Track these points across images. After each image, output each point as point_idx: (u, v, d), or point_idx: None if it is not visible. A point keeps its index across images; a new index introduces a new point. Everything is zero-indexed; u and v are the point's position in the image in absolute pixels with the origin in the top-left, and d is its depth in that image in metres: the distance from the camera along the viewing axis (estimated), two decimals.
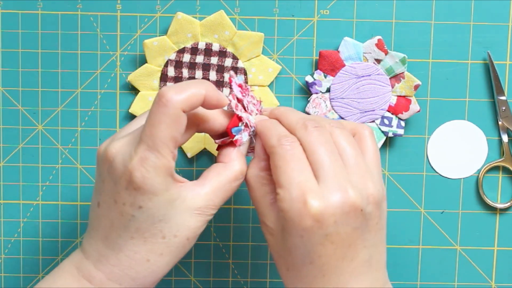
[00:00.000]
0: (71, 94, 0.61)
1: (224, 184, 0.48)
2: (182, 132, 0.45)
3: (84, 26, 0.60)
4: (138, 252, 0.46)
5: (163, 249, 0.46)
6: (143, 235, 0.46)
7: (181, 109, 0.44)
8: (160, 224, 0.46)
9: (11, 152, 0.61)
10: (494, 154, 0.62)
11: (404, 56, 0.59)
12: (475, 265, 0.62)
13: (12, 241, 0.62)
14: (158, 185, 0.45)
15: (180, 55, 0.59)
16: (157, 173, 0.44)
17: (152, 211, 0.45)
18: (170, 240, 0.46)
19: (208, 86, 0.46)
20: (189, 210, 0.46)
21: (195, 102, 0.45)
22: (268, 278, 0.63)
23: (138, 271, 0.46)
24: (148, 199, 0.45)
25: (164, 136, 0.44)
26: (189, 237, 0.47)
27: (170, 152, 0.45)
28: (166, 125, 0.44)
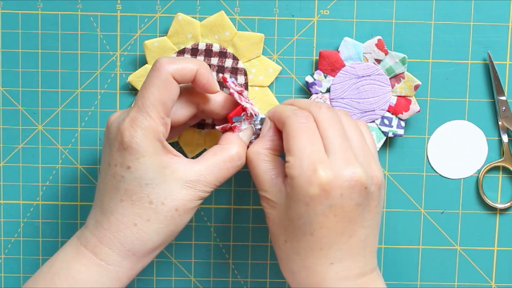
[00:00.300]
0: (71, 94, 0.61)
1: (218, 163, 0.49)
2: (172, 98, 0.48)
3: (84, 26, 0.60)
4: (126, 215, 0.47)
5: (150, 214, 0.47)
6: (131, 198, 0.47)
7: (171, 75, 0.47)
8: (147, 188, 0.47)
9: (11, 152, 0.61)
10: (494, 154, 0.62)
11: (404, 56, 0.59)
12: (475, 265, 0.62)
13: (12, 241, 0.62)
14: (145, 146, 0.46)
15: (180, 56, 0.59)
16: (144, 134, 0.46)
17: (139, 173, 0.47)
18: (157, 206, 0.47)
19: (202, 66, 0.49)
20: (179, 181, 0.48)
21: (186, 74, 0.48)
22: (268, 278, 0.63)
23: (126, 235, 0.48)
24: (136, 159, 0.46)
25: (154, 99, 0.47)
26: (177, 208, 0.48)
27: (159, 116, 0.47)
28: (156, 88, 0.47)
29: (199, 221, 0.62)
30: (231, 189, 0.62)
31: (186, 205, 0.48)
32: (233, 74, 0.60)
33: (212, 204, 0.62)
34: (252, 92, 0.60)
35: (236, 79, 0.60)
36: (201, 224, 0.62)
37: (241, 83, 0.60)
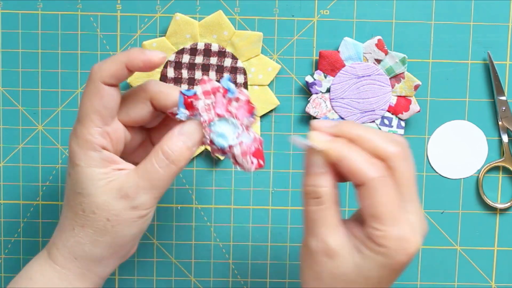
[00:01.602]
0: (71, 94, 0.61)
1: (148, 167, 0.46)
2: (108, 106, 0.46)
3: (84, 26, 0.60)
4: (67, 218, 0.48)
5: (83, 222, 0.47)
6: (69, 203, 0.48)
7: (100, 82, 0.46)
8: (80, 197, 0.47)
9: (11, 152, 0.61)
10: (494, 154, 0.62)
11: (404, 56, 0.59)
12: (475, 265, 0.62)
13: (12, 241, 0.62)
14: (78, 156, 0.46)
15: (179, 56, 0.59)
16: (78, 144, 0.46)
17: (73, 181, 0.47)
18: (88, 215, 0.47)
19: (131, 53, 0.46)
20: (112, 193, 0.46)
21: (116, 72, 0.46)
22: (268, 278, 0.63)
23: (68, 238, 0.48)
24: (71, 167, 0.47)
25: (86, 109, 0.46)
26: (109, 219, 0.46)
27: (94, 125, 0.46)
28: (87, 98, 0.46)
29: (199, 221, 0.62)
30: (231, 189, 0.62)
31: (118, 216, 0.46)
32: (232, 73, 0.60)
33: (212, 204, 0.62)
34: (252, 91, 0.60)
35: (235, 78, 0.60)
36: (201, 224, 0.62)
37: (240, 82, 0.60)
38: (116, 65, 0.46)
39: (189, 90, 0.46)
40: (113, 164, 0.47)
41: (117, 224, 0.47)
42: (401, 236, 0.43)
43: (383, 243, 0.43)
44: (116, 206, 0.46)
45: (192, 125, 0.47)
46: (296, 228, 0.62)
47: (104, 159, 0.47)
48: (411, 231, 0.43)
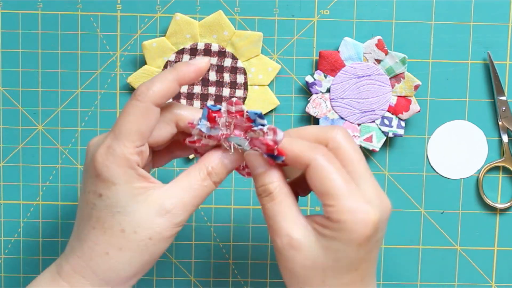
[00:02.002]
0: (71, 94, 0.61)
1: (193, 183, 0.46)
2: (150, 126, 0.46)
3: (84, 26, 0.60)
4: (98, 244, 0.46)
5: (122, 243, 0.45)
6: (102, 226, 0.45)
7: (152, 103, 0.45)
8: (119, 217, 0.45)
9: (11, 152, 0.61)
10: (494, 154, 0.62)
11: (404, 56, 0.59)
12: (475, 265, 0.62)
13: (12, 241, 0.62)
14: (117, 175, 0.45)
15: (179, 56, 0.59)
16: (116, 162, 0.45)
17: (110, 201, 0.45)
18: (129, 235, 0.45)
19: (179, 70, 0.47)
20: (154, 209, 0.45)
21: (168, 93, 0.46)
22: (268, 278, 0.63)
23: (98, 264, 0.46)
24: (107, 187, 0.45)
25: (130, 128, 0.45)
26: (151, 237, 0.45)
27: (134, 145, 0.45)
28: (133, 117, 0.45)
29: (199, 221, 0.62)
30: (231, 189, 0.62)
31: (161, 233, 0.46)
32: (232, 73, 0.60)
33: (212, 204, 0.62)
34: (252, 91, 0.60)
35: (235, 78, 0.60)
36: (201, 224, 0.62)
37: (240, 82, 0.60)
38: (167, 84, 0.46)
39: (215, 105, 0.46)
40: (148, 179, 0.46)
41: (158, 242, 0.46)
42: (355, 207, 0.43)
43: (338, 218, 0.43)
44: (158, 224, 0.45)
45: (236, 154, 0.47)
46: None
47: (141, 175, 0.46)
48: (365, 203, 0.44)
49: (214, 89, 0.60)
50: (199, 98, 0.60)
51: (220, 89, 0.60)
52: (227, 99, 0.60)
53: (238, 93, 0.60)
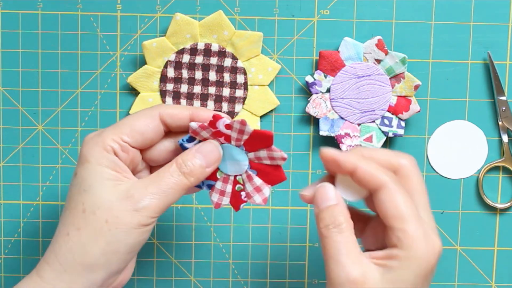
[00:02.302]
0: (71, 94, 0.61)
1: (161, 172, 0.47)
2: (144, 130, 0.47)
3: (84, 26, 0.60)
4: (63, 224, 0.46)
5: (81, 223, 0.45)
6: (69, 205, 0.46)
7: (159, 114, 0.48)
8: (84, 195, 0.45)
9: (11, 152, 0.61)
10: (494, 154, 0.62)
11: (404, 56, 0.59)
12: (475, 265, 0.62)
13: (12, 241, 0.62)
14: (91, 153, 0.46)
15: (180, 56, 0.59)
16: (96, 143, 0.46)
17: (81, 179, 0.46)
18: (88, 215, 0.45)
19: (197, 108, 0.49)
20: (117, 193, 0.45)
21: (177, 116, 0.48)
22: (268, 278, 0.63)
23: (60, 245, 0.45)
24: (81, 164, 0.46)
25: (126, 123, 0.47)
26: (107, 220, 0.45)
27: (120, 136, 0.46)
28: (135, 115, 0.48)
29: (199, 221, 0.62)
30: None
31: (118, 217, 0.44)
32: (232, 73, 0.60)
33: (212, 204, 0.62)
34: (252, 91, 0.60)
35: (235, 78, 0.60)
36: (201, 224, 0.62)
37: (240, 82, 0.60)
38: (181, 111, 0.48)
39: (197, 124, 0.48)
40: (125, 173, 0.47)
41: (115, 228, 0.45)
42: (427, 234, 0.43)
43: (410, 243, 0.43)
44: (118, 207, 0.45)
45: (209, 146, 0.47)
46: (296, 228, 0.62)
47: (117, 164, 0.46)
48: (432, 231, 0.44)
49: (214, 89, 0.60)
50: (199, 98, 0.60)
51: (220, 89, 0.60)
52: (227, 99, 0.60)
53: (238, 93, 0.60)
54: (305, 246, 0.62)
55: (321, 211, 0.46)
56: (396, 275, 0.43)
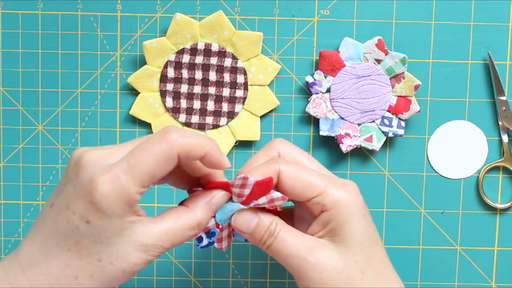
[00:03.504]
0: (71, 94, 0.61)
1: (179, 229, 0.45)
2: (164, 173, 0.44)
3: (84, 26, 0.60)
4: (70, 266, 0.43)
5: (94, 272, 0.44)
6: (80, 251, 0.43)
7: (177, 153, 0.43)
8: (101, 246, 0.43)
9: (11, 152, 0.61)
10: (494, 154, 0.62)
11: (404, 56, 0.59)
12: (475, 265, 0.62)
13: (12, 241, 0.62)
14: (114, 209, 0.42)
15: (180, 56, 0.59)
16: (120, 197, 0.42)
17: (97, 230, 0.43)
18: (104, 265, 0.44)
19: (213, 145, 0.45)
20: (135, 244, 0.44)
21: (194, 153, 0.44)
22: (268, 278, 0.63)
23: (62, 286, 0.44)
24: (99, 217, 0.42)
25: (147, 168, 0.42)
26: (125, 270, 0.44)
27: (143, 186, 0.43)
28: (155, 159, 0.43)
29: None
30: None
31: (134, 267, 0.44)
32: (232, 73, 0.60)
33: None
34: (252, 91, 0.60)
35: (235, 78, 0.60)
36: None
37: (240, 82, 0.60)
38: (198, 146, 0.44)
39: None
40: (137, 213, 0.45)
41: (129, 274, 0.45)
42: (339, 183, 0.47)
43: (333, 199, 0.46)
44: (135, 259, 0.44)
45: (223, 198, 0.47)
46: None
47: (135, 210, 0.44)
48: (340, 179, 0.48)
49: (214, 89, 0.60)
50: (199, 98, 0.60)
51: (220, 89, 0.60)
52: (227, 99, 0.60)
53: (238, 93, 0.60)
54: None
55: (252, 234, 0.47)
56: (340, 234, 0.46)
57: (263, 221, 0.47)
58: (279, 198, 0.46)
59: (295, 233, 0.47)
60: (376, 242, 0.47)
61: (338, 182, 0.47)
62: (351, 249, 0.46)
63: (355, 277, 0.46)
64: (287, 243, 0.46)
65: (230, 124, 0.60)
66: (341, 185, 0.47)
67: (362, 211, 0.47)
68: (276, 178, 0.47)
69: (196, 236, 0.47)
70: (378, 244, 0.47)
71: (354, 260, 0.46)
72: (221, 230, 0.48)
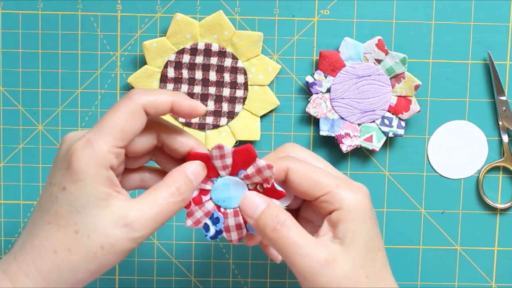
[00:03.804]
0: (71, 94, 0.61)
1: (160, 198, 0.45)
2: (135, 130, 0.44)
3: (84, 26, 0.60)
4: (49, 239, 0.43)
5: (72, 245, 0.43)
6: (58, 222, 0.43)
7: (142, 107, 0.44)
8: (77, 216, 0.43)
9: (11, 152, 0.61)
10: (494, 154, 0.62)
11: (404, 56, 0.59)
12: (475, 265, 0.62)
13: (12, 241, 0.62)
14: (87, 170, 0.43)
15: (180, 56, 0.59)
16: (91, 156, 0.43)
17: (72, 197, 0.43)
18: (82, 238, 0.43)
19: (179, 95, 0.46)
20: (113, 218, 0.43)
21: (159, 104, 0.45)
22: (268, 278, 0.63)
23: (45, 261, 0.43)
24: (73, 181, 0.43)
25: (115, 124, 0.43)
26: (103, 246, 0.43)
27: (114, 144, 0.43)
28: (121, 114, 0.44)
29: None
30: None
31: (114, 245, 0.43)
32: (232, 73, 0.60)
33: None
34: (252, 91, 0.60)
35: (235, 78, 0.60)
36: None
37: (240, 82, 0.60)
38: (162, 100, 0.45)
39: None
40: (116, 187, 0.45)
41: (109, 253, 0.43)
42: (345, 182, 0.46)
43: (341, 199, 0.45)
44: (114, 234, 0.43)
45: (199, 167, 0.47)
46: None
47: (110, 179, 0.44)
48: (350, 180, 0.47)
49: (214, 89, 0.60)
50: (199, 98, 0.60)
51: (220, 89, 0.60)
52: (227, 99, 0.60)
53: (238, 93, 0.60)
54: None
55: (257, 219, 0.46)
56: (348, 234, 0.45)
57: (272, 208, 0.45)
58: (265, 166, 0.45)
59: (304, 233, 0.45)
60: (378, 246, 0.46)
61: (347, 183, 0.46)
62: (358, 252, 0.45)
63: (361, 282, 0.45)
64: (295, 240, 0.45)
65: (230, 124, 0.61)
66: (349, 186, 0.46)
67: (369, 213, 0.46)
68: (285, 175, 0.46)
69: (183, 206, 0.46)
70: (380, 249, 0.46)
71: (360, 264, 0.45)
72: (224, 215, 0.47)
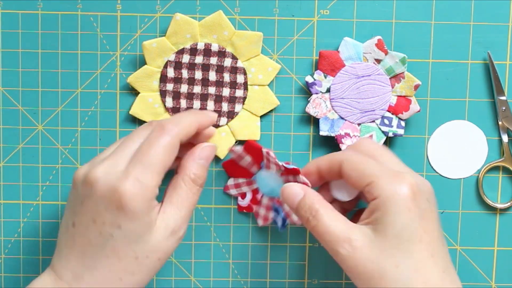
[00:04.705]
0: (71, 94, 0.61)
1: (184, 197, 0.50)
2: (172, 160, 0.49)
3: (84, 26, 0.60)
4: (113, 271, 0.47)
5: (135, 269, 0.48)
6: (118, 255, 0.47)
7: (178, 139, 0.49)
8: (135, 246, 0.47)
9: (11, 152, 0.61)
10: (494, 154, 0.62)
11: (404, 56, 0.59)
12: (475, 265, 0.62)
13: (12, 241, 0.62)
14: (142, 208, 0.47)
15: (180, 56, 0.59)
16: (143, 195, 0.47)
17: (129, 232, 0.47)
18: (142, 261, 0.48)
19: (198, 115, 0.52)
20: (163, 233, 0.48)
21: (189, 133, 0.51)
22: (268, 278, 0.63)
23: None
24: (129, 219, 0.47)
25: (160, 160, 0.48)
26: (160, 258, 0.49)
27: (159, 178, 0.48)
28: (163, 150, 0.48)
29: (199, 221, 0.62)
30: None
31: (167, 252, 0.49)
32: (232, 73, 0.60)
33: (212, 204, 0.62)
34: (252, 91, 0.60)
35: (235, 78, 0.60)
36: (201, 224, 0.62)
37: (240, 82, 0.60)
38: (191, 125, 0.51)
39: None
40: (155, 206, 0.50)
41: (164, 260, 0.49)
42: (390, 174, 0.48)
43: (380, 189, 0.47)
44: (167, 245, 0.49)
45: (209, 149, 0.53)
46: (296, 228, 0.62)
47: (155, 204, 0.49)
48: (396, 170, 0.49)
49: (214, 89, 0.60)
50: (199, 98, 0.60)
51: (220, 89, 0.60)
52: (227, 99, 0.60)
53: (238, 93, 0.60)
54: (305, 246, 0.62)
55: (296, 209, 0.51)
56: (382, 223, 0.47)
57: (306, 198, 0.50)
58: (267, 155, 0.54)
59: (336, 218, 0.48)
60: (419, 239, 0.47)
61: (393, 174, 0.48)
62: (389, 241, 0.46)
63: (389, 270, 0.46)
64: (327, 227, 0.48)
65: (230, 124, 0.60)
66: (395, 177, 0.48)
67: (409, 204, 0.47)
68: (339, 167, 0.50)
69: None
70: (422, 241, 0.47)
71: (390, 253, 0.46)
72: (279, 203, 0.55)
